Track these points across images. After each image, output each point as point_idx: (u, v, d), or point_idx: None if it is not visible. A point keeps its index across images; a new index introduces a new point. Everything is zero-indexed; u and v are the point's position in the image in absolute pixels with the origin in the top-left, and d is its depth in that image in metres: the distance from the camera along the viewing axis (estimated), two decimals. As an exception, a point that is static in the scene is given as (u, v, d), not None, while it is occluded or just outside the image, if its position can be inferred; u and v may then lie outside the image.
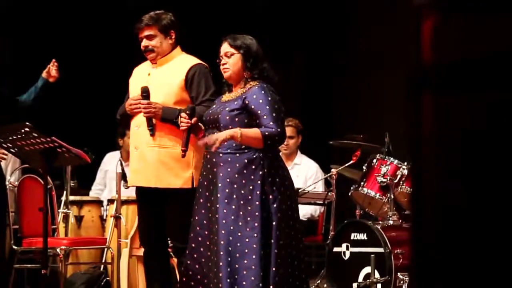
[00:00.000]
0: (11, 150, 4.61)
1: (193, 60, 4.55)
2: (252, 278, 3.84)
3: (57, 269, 6.01)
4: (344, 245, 5.43)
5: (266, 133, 3.94)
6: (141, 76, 4.61)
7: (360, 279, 5.29)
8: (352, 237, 5.40)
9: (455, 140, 1.32)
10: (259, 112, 3.98)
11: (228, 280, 3.85)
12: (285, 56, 7.69)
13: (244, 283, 3.85)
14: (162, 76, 4.51)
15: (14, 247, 5.88)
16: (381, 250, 5.20)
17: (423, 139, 1.36)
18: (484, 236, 1.33)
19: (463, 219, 1.36)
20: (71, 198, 6.52)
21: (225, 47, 4.14)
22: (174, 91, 4.43)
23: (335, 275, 5.46)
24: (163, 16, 4.54)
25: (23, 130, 4.39)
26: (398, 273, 5.14)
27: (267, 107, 3.97)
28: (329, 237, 5.88)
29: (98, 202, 6.84)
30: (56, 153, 4.43)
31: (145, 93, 4.44)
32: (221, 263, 3.88)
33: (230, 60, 4.11)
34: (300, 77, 7.87)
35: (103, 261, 6.41)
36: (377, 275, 5.19)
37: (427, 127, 1.35)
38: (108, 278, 6.17)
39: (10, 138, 4.47)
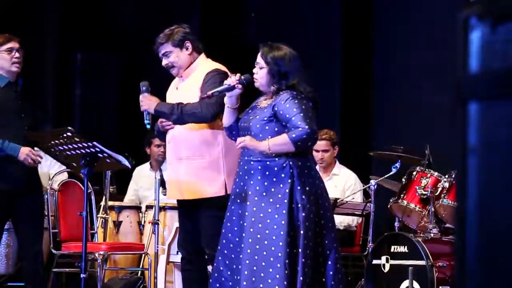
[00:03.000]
0: (53, 154, 4.66)
1: (211, 66, 4.55)
2: (276, 287, 3.83)
3: (94, 274, 6.05)
4: (383, 258, 5.38)
5: (294, 135, 3.91)
6: (172, 91, 4.69)
7: (400, 291, 5.25)
8: (392, 250, 5.35)
9: (502, 150, 1.30)
10: (287, 115, 3.95)
11: None
12: (323, 65, 7.67)
13: None
14: (187, 89, 4.56)
15: (53, 251, 5.93)
16: (422, 263, 5.15)
17: (469, 149, 1.34)
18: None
19: (510, 232, 1.34)
20: (110, 203, 6.57)
21: (258, 57, 4.11)
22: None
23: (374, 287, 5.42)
24: (175, 31, 4.56)
25: (65, 135, 4.43)
26: (440, 287, 5.08)
27: (294, 109, 3.95)
28: (367, 248, 5.84)
29: (137, 208, 6.88)
30: (97, 158, 4.47)
31: (144, 87, 4.52)
32: (245, 272, 3.88)
33: (259, 73, 4.09)
34: (340, 87, 7.85)
35: (141, 266, 6.44)
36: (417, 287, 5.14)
37: (473, 137, 1.33)
38: (145, 284, 6.20)
39: (52, 142, 4.52)
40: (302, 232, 3.89)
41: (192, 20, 8.71)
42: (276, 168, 3.97)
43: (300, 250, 3.87)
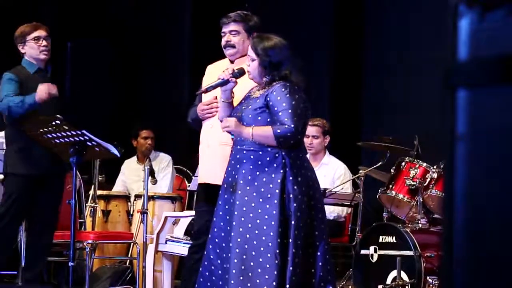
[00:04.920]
0: (41, 142, 4.65)
1: None
2: (266, 276, 3.83)
3: (83, 263, 6.05)
4: (372, 248, 5.40)
5: (278, 131, 3.91)
6: (216, 75, 4.59)
7: (388, 282, 5.26)
8: (380, 240, 5.37)
9: (490, 138, 1.30)
10: (275, 108, 3.95)
11: (241, 278, 3.84)
12: (313, 56, 7.67)
13: (258, 281, 3.83)
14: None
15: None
16: (410, 253, 5.17)
17: (458, 136, 1.34)
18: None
19: (497, 220, 1.34)
20: (99, 192, 6.57)
21: (249, 49, 4.11)
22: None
23: (362, 277, 5.44)
24: (249, 17, 4.55)
25: (54, 123, 4.42)
26: (428, 277, 5.11)
27: (284, 104, 3.94)
28: (356, 239, 5.85)
29: (125, 197, 6.88)
30: (86, 146, 4.46)
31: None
32: (235, 260, 3.87)
33: (251, 65, 4.08)
34: (329, 78, 7.85)
35: (129, 256, 6.44)
36: (406, 278, 5.16)
37: (462, 124, 1.33)
38: (133, 273, 6.20)
39: (41, 130, 4.50)
40: (293, 222, 3.89)
41: (185, 8, 8.69)
42: (268, 158, 3.96)
43: (290, 240, 3.87)
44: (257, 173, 3.96)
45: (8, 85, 4.92)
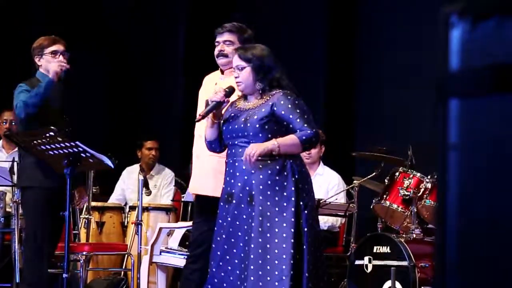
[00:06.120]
0: (35, 154, 4.63)
1: None
2: (285, 278, 3.84)
3: (77, 274, 6.03)
4: (366, 258, 5.40)
5: (304, 137, 3.96)
6: (209, 86, 4.59)
7: (383, 292, 5.26)
8: (374, 250, 5.37)
9: (483, 147, 1.31)
10: (290, 117, 3.99)
11: (260, 284, 3.84)
12: (307, 66, 7.69)
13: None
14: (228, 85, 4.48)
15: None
16: (404, 263, 5.17)
17: (450, 146, 1.35)
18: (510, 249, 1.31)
19: (490, 230, 1.34)
20: (93, 204, 6.56)
21: (236, 60, 4.12)
22: None
23: (357, 288, 5.44)
24: (245, 29, 4.58)
25: (47, 135, 4.41)
26: (422, 287, 5.11)
27: (298, 111, 3.99)
28: (350, 249, 5.85)
29: (120, 209, 6.88)
30: (80, 158, 4.45)
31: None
32: (252, 278, 3.87)
33: (242, 74, 4.10)
34: (323, 88, 7.87)
35: (124, 267, 6.43)
36: (400, 288, 5.17)
37: (454, 134, 1.34)
38: (128, 285, 6.19)
39: (34, 142, 4.49)
40: (306, 229, 3.94)
41: (178, 20, 8.71)
42: (278, 167, 3.98)
43: (305, 247, 3.91)
44: (269, 182, 3.97)
45: (23, 94, 4.90)
